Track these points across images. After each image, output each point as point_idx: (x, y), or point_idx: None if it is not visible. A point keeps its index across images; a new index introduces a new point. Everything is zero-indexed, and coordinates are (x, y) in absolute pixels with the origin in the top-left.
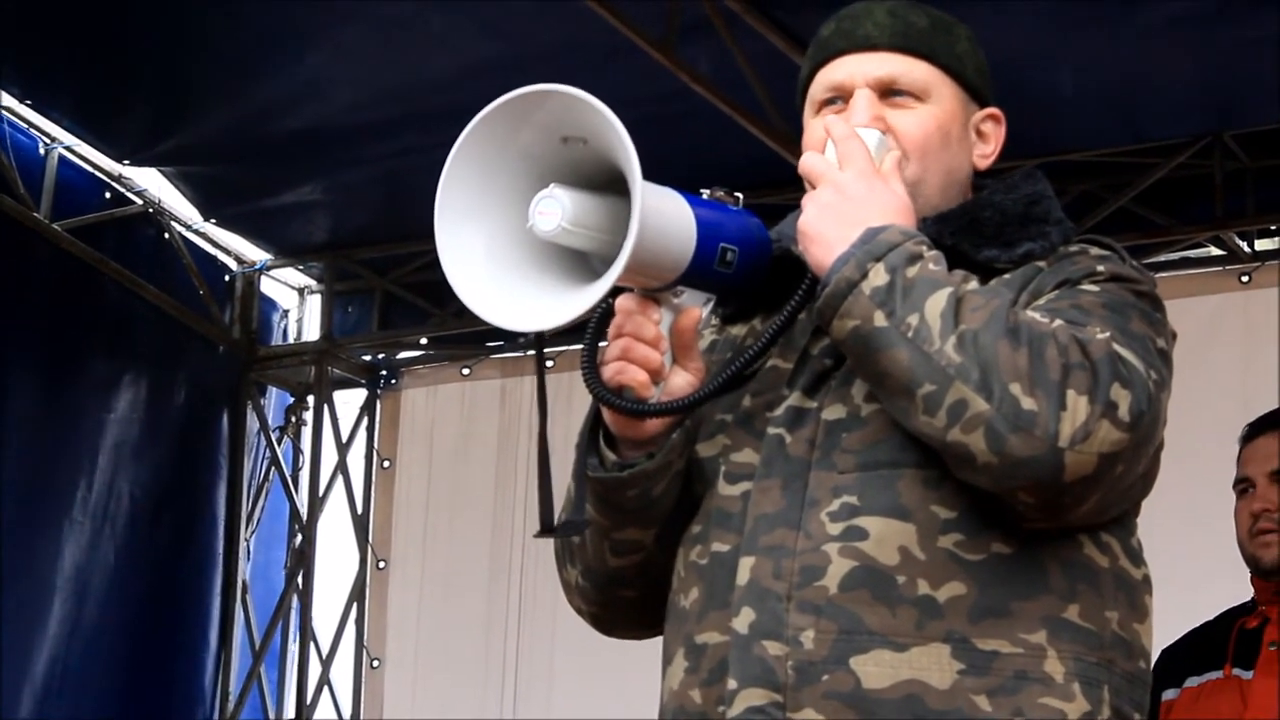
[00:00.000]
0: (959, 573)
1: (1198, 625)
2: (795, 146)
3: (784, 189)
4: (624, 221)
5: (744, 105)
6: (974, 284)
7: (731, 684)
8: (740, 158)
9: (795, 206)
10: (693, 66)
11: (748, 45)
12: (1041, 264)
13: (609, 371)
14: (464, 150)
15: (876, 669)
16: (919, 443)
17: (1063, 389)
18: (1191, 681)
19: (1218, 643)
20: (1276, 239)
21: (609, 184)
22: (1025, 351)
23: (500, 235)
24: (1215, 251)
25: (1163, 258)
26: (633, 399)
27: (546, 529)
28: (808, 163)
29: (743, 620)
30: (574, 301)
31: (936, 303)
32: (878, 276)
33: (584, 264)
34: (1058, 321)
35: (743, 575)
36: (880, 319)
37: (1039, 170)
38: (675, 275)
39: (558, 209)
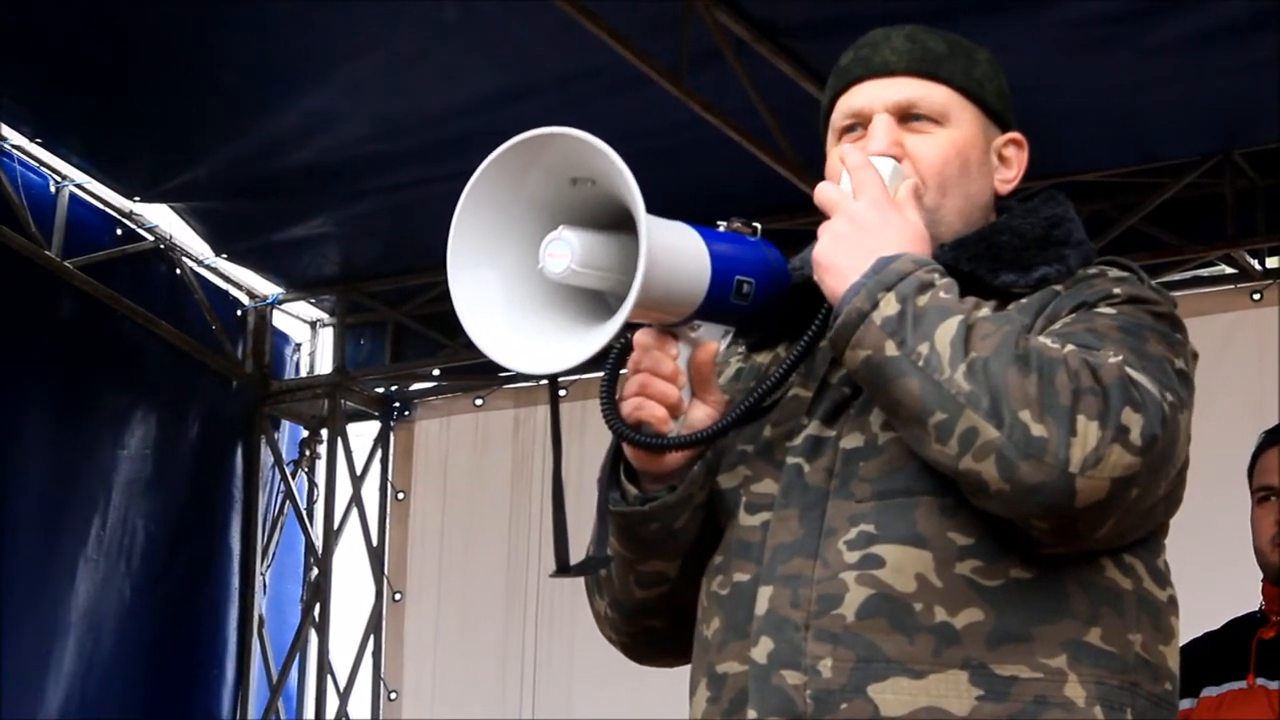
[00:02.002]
0: (976, 599)
1: (1200, 635)
2: (806, 173)
3: (796, 215)
4: (635, 260)
5: (755, 133)
6: (985, 311)
7: (751, 714)
8: (752, 185)
9: (808, 232)
10: (703, 96)
11: (757, 73)
12: (1058, 288)
13: (627, 407)
14: (473, 196)
15: (895, 697)
16: (935, 470)
17: (1073, 415)
18: (1209, 691)
19: (1234, 652)
20: None
21: (621, 222)
22: (1035, 378)
23: (515, 278)
24: (1226, 270)
25: (1174, 277)
26: (651, 434)
27: (562, 568)
28: (822, 193)
29: (761, 650)
30: (585, 343)
31: (947, 331)
32: (889, 306)
33: (602, 302)
34: (1069, 347)
35: (761, 605)
36: (891, 348)
37: (1060, 192)
38: (690, 310)
39: (567, 251)
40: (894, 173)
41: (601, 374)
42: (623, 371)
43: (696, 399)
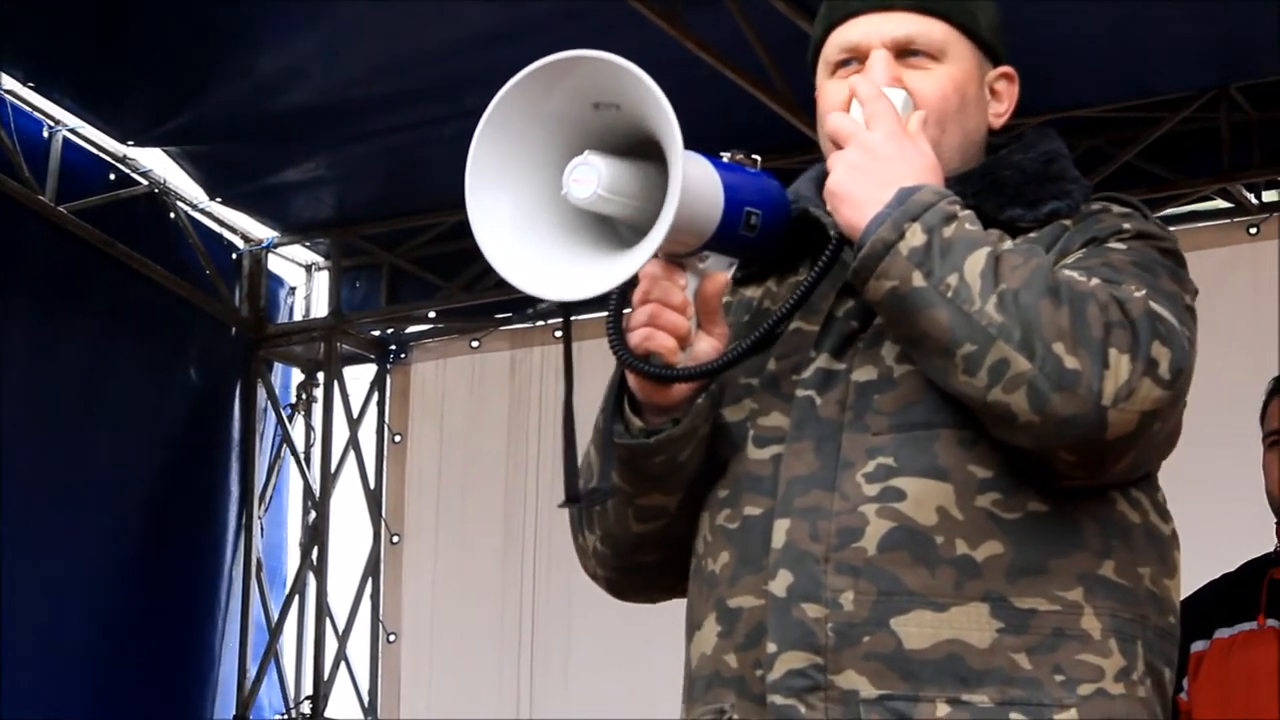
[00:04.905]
0: (996, 532)
1: (1217, 577)
2: (800, 111)
3: (790, 153)
4: (655, 187)
5: (749, 71)
6: (1009, 244)
7: (771, 647)
8: (745, 124)
9: (800, 171)
10: (697, 34)
11: (752, 11)
12: (1067, 223)
13: (636, 338)
14: (495, 116)
15: (917, 629)
16: (954, 403)
17: (1105, 347)
18: (1222, 633)
19: (1246, 594)
20: None
21: (636, 149)
22: (1067, 310)
23: (527, 202)
24: (1222, 204)
25: (1170, 211)
26: (661, 364)
27: (572, 498)
28: (835, 122)
29: (780, 583)
30: (612, 269)
31: (975, 262)
32: (915, 237)
33: (608, 230)
34: (1095, 280)
35: (778, 538)
36: (918, 279)
37: (1050, 128)
38: (702, 241)
39: (594, 176)
40: (905, 103)
41: (606, 312)
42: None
43: (701, 330)
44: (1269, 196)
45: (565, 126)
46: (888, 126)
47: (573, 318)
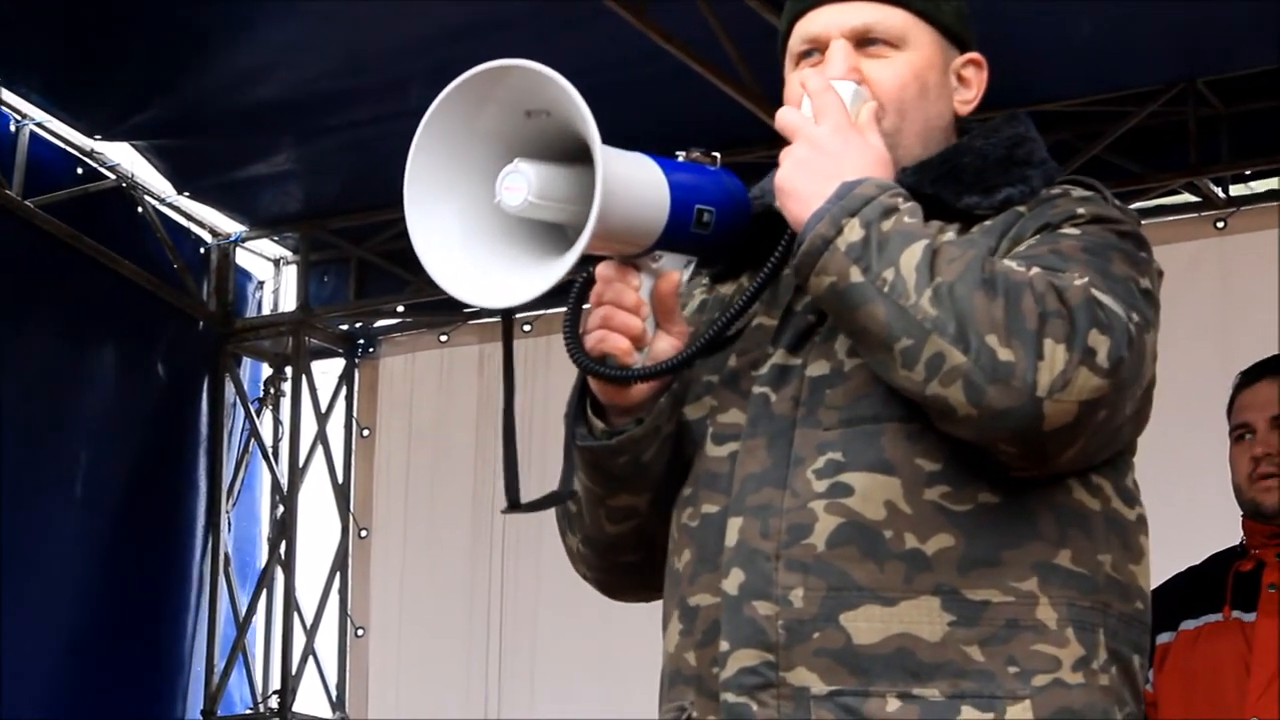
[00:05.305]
0: (946, 524)
1: (1183, 569)
2: (768, 105)
3: (757, 147)
4: (593, 192)
5: (717, 65)
6: (950, 235)
7: (724, 645)
8: (714, 118)
9: (770, 165)
10: (664, 27)
11: (720, 5)
12: (1022, 209)
13: (591, 340)
14: (428, 131)
15: (867, 624)
16: (901, 396)
17: (1039, 338)
18: (1188, 624)
19: (1212, 586)
20: (1251, 184)
21: (578, 154)
22: (1001, 302)
23: (471, 213)
24: (1190, 198)
25: (1137, 205)
26: (616, 366)
27: (513, 505)
28: (783, 118)
29: (732, 581)
30: (542, 276)
31: (911, 256)
32: (853, 232)
33: (562, 236)
34: (1035, 269)
35: (731, 536)
36: (856, 274)
37: (1023, 113)
38: (650, 241)
39: (523, 183)
40: (855, 96)
41: (565, 308)
42: (586, 306)
43: (661, 330)
44: (1236, 190)
45: (502, 136)
46: (834, 120)
47: (543, 313)
